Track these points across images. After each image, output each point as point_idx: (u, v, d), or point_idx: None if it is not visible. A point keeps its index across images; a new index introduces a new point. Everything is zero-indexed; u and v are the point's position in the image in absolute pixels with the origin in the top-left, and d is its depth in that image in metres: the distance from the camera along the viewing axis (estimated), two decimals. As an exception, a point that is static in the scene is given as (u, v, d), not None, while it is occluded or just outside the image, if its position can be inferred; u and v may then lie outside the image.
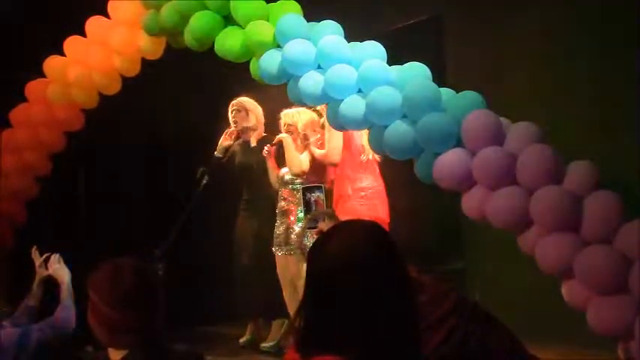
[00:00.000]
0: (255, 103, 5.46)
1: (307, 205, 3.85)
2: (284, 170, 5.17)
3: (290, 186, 5.13)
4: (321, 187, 4.11)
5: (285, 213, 5.12)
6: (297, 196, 4.96)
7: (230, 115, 5.44)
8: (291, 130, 5.11)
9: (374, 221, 1.66)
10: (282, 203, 5.15)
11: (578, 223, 3.27)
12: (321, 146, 4.94)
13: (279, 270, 5.12)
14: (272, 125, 5.38)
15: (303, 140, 5.08)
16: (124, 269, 2.15)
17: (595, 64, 4.47)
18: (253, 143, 5.42)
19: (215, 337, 5.90)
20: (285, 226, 5.08)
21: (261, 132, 5.46)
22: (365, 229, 1.61)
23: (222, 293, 5.88)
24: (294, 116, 5.11)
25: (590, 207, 3.26)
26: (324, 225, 2.81)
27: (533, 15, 4.80)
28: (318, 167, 5.04)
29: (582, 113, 4.49)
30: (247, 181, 5.45)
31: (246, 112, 5.41)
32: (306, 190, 3.93)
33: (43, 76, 5.29)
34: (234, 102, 5.44)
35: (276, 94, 4.75)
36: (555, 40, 4.69)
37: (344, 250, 1.55)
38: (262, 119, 5.47)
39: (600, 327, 3.19)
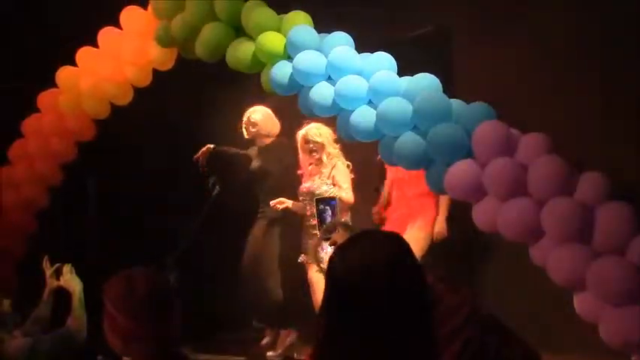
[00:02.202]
0: (267, 112, 5.50)
1: (320, 217, 3.88)
2: (308, 185, 5.15)
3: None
4: (334, 198, 4.12)
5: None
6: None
7: (244, 126, 5.52)
8: (317, 148, 5.10)
9: (393, 232, 1.66)
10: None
11: (589, 235, 3.27)
12: None
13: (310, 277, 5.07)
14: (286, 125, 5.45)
15: (329, 157, 5.09)
16: (138, 278, 2.16)
17: (605, 75, 4.47)
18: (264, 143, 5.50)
19: (222, 345, 5.90)
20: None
21: (274, 135, 5.53)
22: (385, 240, 1.61)
23: (232, 301, 5.88)
24: (320, 134, 5.10)
25: (602, 218, 3.26)
26: (339, 236, 2.81)
27: (542, 26, 4.80)
28: None
29: (593, 124, 4.49)
30: (262, 186, 5.47)
31: (258, 126, 5.47)
32: (320, 202, 3.94)
33: (55, 86, 5.32)
34: (246, 114, 5.51)
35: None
36: (565, 50, 4.70)
37: (363, 261, 1.55)
38: (275, 126, 5.53)
39: (613, 339, 3.18)
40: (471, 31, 5.26)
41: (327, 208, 3.90)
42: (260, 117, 5.46)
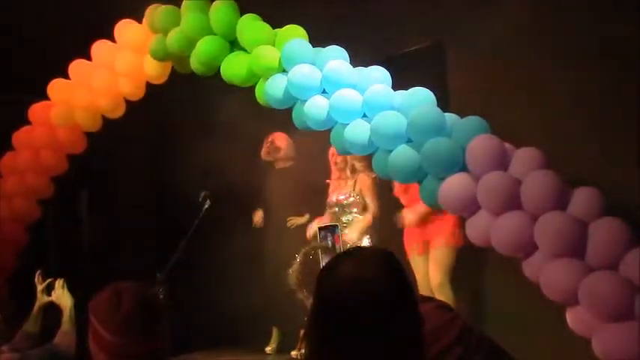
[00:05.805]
0: (285, 138, 5.80)
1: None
2: (335, 198, 5.23)
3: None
4: (336, 225, 4.20)
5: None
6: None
7: (265, 149, 5.86)
8: (340, 161, 5.24)
9: (385, 248, 1.63)
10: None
11: (583, 249, 3.25)
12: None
13: None
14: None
15: (352, 171, 5.20)
16: (125, 293, 2.11)
17: (600, 90, 4.46)
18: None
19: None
20: None
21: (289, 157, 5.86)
22: (376, 256, 1.58)
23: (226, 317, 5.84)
24: None
25: (596, 233, 3.24)
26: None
27: (535, 40, 4.80)
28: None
29: (587, 138, 4.48)
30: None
31: (278, 149, 5.82)
32: (322, 230, 4.02)
33: (47, 98, 5.29)
34: (268, 139, 5.84)
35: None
36: (558, 65, 4.69)
37: (354, 276, 1.51)
38: (292, 149, 5.84)
39: (606, 355, 3.16)
40: (465, 45, 5.25)
41: (330, 234, 3.97)
42: (284, 143, 5.78)
